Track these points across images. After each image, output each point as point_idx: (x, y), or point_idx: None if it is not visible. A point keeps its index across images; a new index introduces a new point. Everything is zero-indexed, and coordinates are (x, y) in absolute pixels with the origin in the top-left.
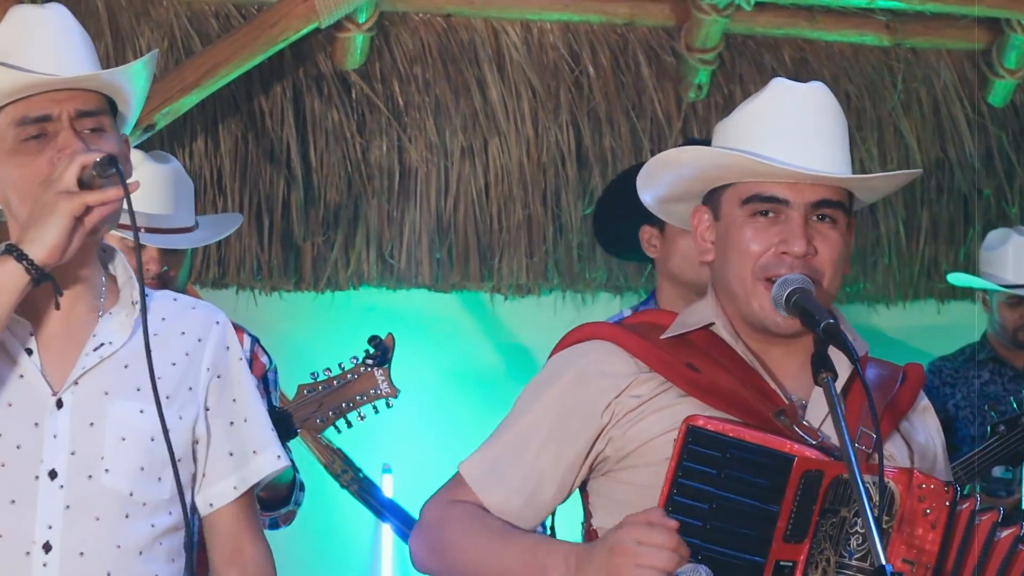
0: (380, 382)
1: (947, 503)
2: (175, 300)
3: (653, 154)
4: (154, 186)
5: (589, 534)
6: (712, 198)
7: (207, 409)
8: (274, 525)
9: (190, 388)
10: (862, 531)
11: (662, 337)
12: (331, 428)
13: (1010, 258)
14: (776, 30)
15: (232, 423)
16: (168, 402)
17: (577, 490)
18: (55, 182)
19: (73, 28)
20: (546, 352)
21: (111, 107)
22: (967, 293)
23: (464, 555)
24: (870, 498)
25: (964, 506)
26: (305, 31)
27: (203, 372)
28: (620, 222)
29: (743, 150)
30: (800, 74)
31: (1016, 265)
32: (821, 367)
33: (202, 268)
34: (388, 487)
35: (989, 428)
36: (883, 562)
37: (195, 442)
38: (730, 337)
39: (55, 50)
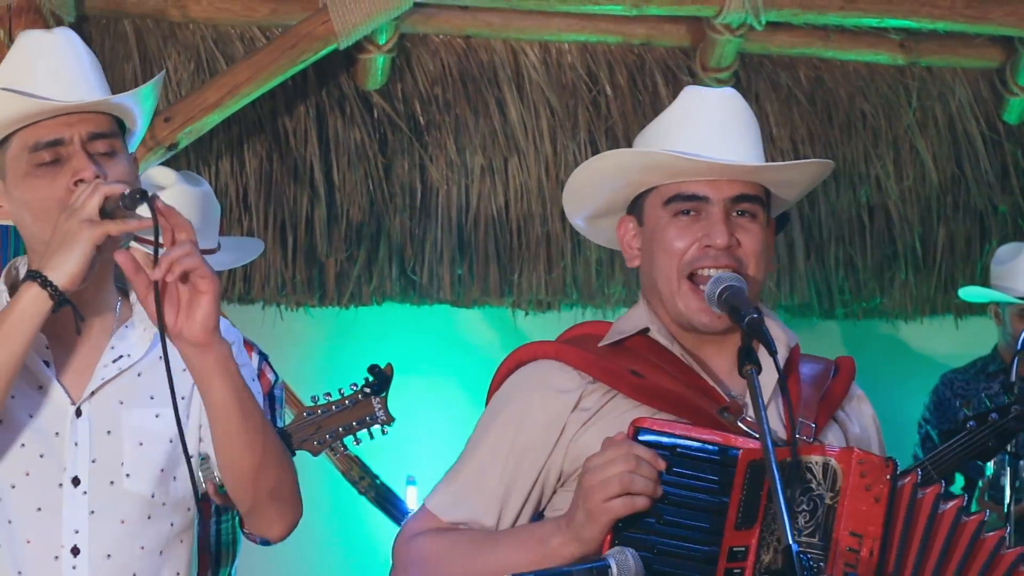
0: (377, 410)
1: (888, 477)
2: None
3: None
4: (183, 207)
5: None
6: (636, 206)
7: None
8: (265, 542)
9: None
10: (808, 508)
11: (600, 344)
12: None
13: (1020, 271)
14: (791, 49)
15: None
16: (183, 403)
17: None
18: (78, 210)
19: (82, 52)
20: None
21: (121, 127)
22: (984, 308)
23: (454, 567)
24: (783, 478)
25: (905, 480)
26: (324, 52)
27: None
28: None
29: (660, 149)
30: (816, 93)
31: (1022, 276)
32: (746, 360)
33: (228, 284)
34: (412, 499)
35: (960, 423)
36: (790, 541)
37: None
38: (666, 340)
39: (64, 75)
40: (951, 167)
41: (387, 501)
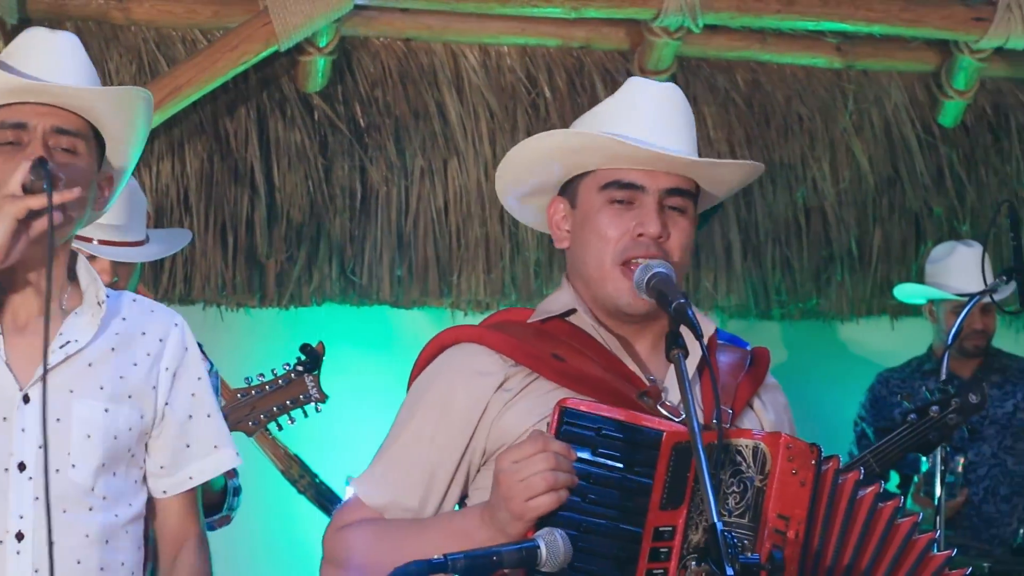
0: (310, 387)
1: (813, 462)
2: (134, 301)
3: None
4: None
5: None
6: (569, 188)
7: (167, 404)
8: (209, 528)
9: (153, 387)
10: (738, 490)
11: (528, 321)
12: (289, 433)
13: (953, 268)
14: (728, 52)
15: (191, 416)
16: (131, 401)
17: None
18: (3, 186)
19: (79, 53)
20: None
21: (96, 138)
22: (920, 309)
23: (381, 558)
24: (710, 460)
25: (828, 466)
26: (265, 54)
27: (163, 371)
28: None
29: (602, 132)
30: (753, 96)
31: (960, 275)
32: (673, 344)
33: (169, 284)
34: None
35: (901, 416)
36: (715, 520)
37: (154, 437)
38: (590, 324)
39: (53, 65)
40: (887, 169)
41: (327, 500)
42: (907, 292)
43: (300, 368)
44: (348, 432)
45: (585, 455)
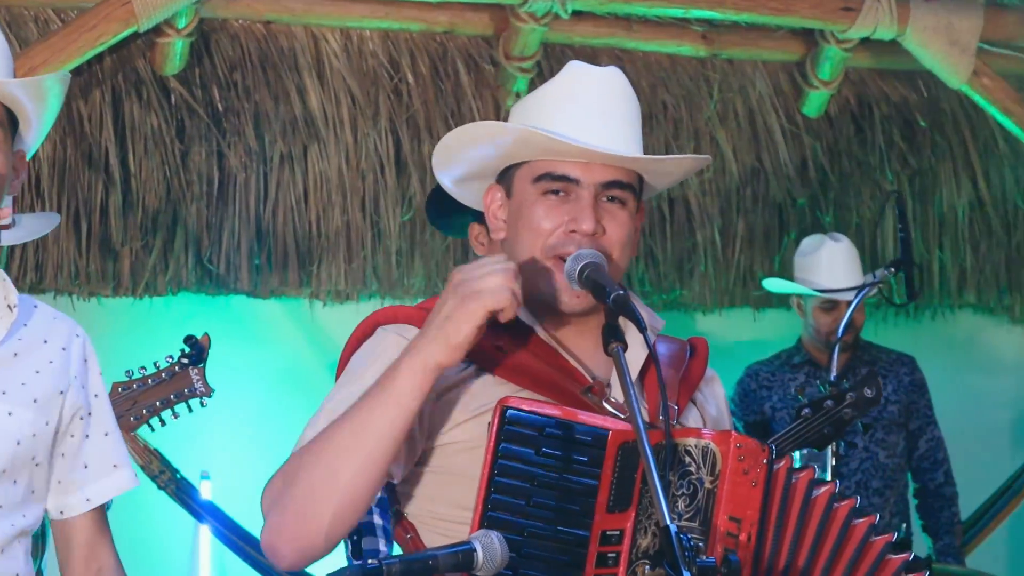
0: (195, 381)
1: (764, 461)
2: (36, 307)
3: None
4: None
5: (404, 526)
6: (506, 176)
7: (68, 420)
8: None
9: (61, 392)
10: (688, 492)
11: None
12: (146, 428)
13: (823, 264)
14: (594, 39)
15: (88, 436)
16: (36, 406)
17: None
18: None
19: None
20: None
21: (11, 121)
22: (782, 301)
23: (317, 461)
24: (658, 460)
25: (780, 465)
26: (123, 35)
27: (71, 380)
28: (451, 214)
29: (537, 126)
30: None
31: (829, 270)
32: (611, 338)
33: (19, 272)
34: (207, 494)
35: (795, 411)
36: (668, 522)
37: (56, 448)
38: (528, 318)
39: None
40: (751, 160)
41: (187, 496)
42: (776, 286)
43: (185, 360)
44: (203, 426)
45: (528, 456)
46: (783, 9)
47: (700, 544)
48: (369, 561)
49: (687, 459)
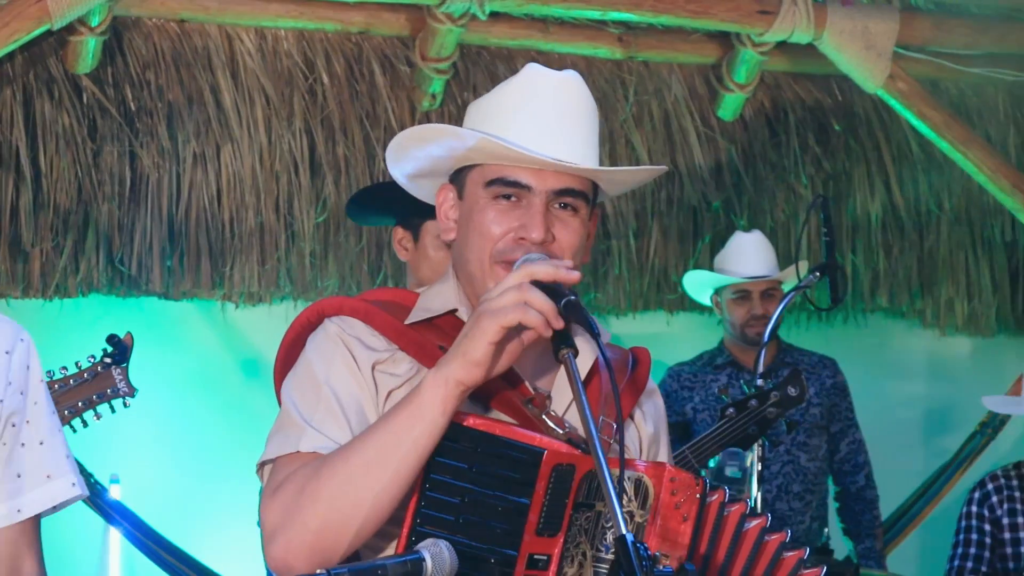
0: (118, 381)
1: (698, 495)
2: None
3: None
4: None
5: None
6: (458, 177)
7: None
8: None
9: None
10: None
11: (407, 323)
12: (68, 430)
13: (734, 253)
14: (510, 41)
15: (24, 444)
16: None
17: None
18: None
19: None
20: None
21: None
22: (696, 304)
23: (329, 490)
24: (616, 484)
25: (714, 498)
26: (37, 32)
27: (6, 386)
28: (374, 215)
29: (491, 134)
30: None
31: (740, 259)
32: (562, 344)
33: None
34: (116, 496)
35: (720, 411)
36: (623, 531)
37: None
38: None
39: None
40: (666, 162)
41: (100, 499)
42: (694, 280)
43: (108, 360)
44: (114, 428)
45: (461, 470)
46: (700, 12)
47: (657, 554)
48: (318, 571)
49: (606, 505)
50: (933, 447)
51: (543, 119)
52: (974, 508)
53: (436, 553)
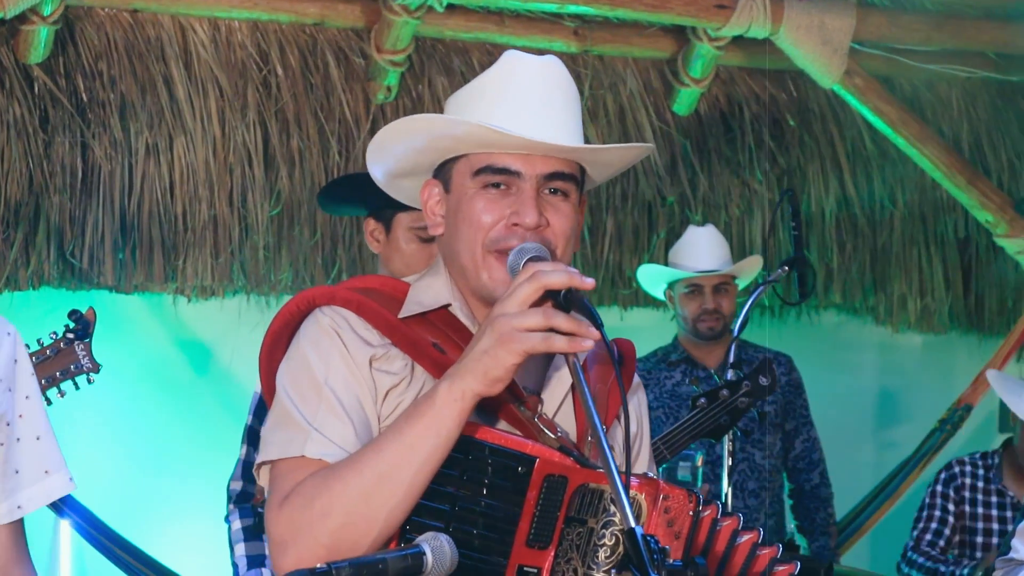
0: (81, 357)
1: (690, 512)
2: None
3: (341, 156)
4: None
5: None
6: (443, 171)
7: None
8: None
9: None
10: (610, 543)
11: (400, 316)
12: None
13: (687, 248)
14: (465, 34)
15: (19, 440)
16: None
17: None
18: None
19: None
20: (230, 354)
21: None
22: (649, 300)
23: (343, 505)
24: (623, 481)
25: (706, 513)
26: None
27: None
28: (345, 205)
29: (477, 120)
30: None
31: (693, 253)
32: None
33: None
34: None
35: (691, 401)
36: (632, 524)
37: None
38: (467, 319)
39: None
40: None
41: (59, 499)
42: (648, 273)
43: (70, 336)
44: (64, 422)
45: (452, 478)
46: (657, 6)
47: (666, 547)
48: (318, 566)
49: (612, 508)
50: (884, 442)
51: (528, 104)
52: (940, 488)
53: (437, 547)
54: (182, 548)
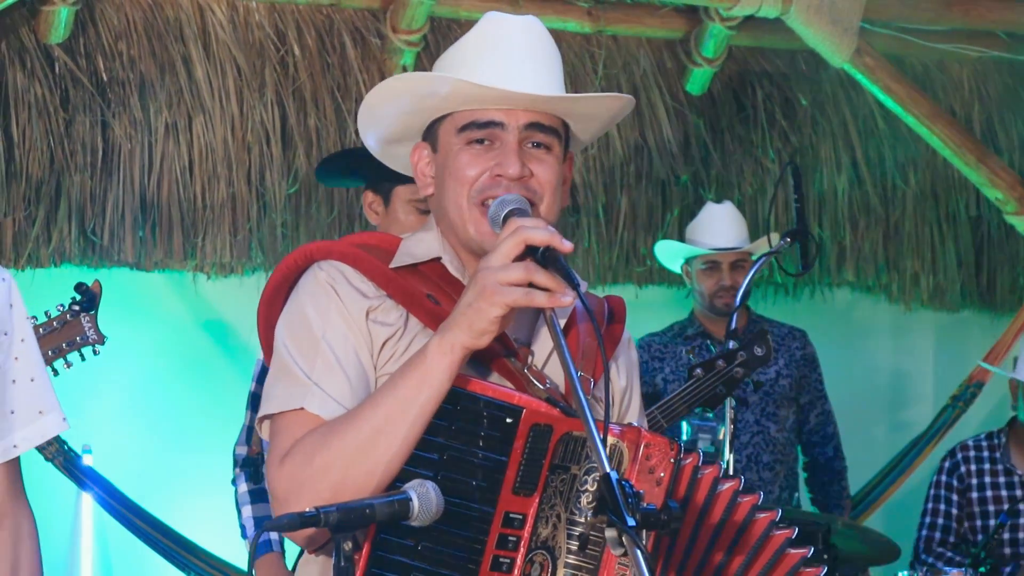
0: (87, 328)
1: (672, 460)
2: None
3: (357, 135)
4: None
5: None
6: (430, 132)
7: None
8: None
9: None
10: (592, 489)
11: (391, 266)
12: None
13: (704, 224)
14: (480, 14)
15: (15, 381)
16: None
17: None
18: None
19: None
20: (249, 330)
21: None
22: (664, 277)
23: (341, 460)
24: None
25: (687, 461)
26: (9, 2)
27: None
28: (343, 177)
29: (459, 77)
30: None
31: (710, 230)
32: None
33: None
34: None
35: (687, 372)
36: (607, 470)
37: None
38: (457, 271)
39: None
40: (634, 136)
41: (72, 464)
42: (665, 249)
43: (76, 308)
44: (85, 398)
45: (440, 427)
46: None
47: (641, 492)
48: (307, 509)
49: (593, 455)
50: (897, 420)
51: (510, 59)
52: (943, 477)
53: (423, 493)
54: (202, 520)
